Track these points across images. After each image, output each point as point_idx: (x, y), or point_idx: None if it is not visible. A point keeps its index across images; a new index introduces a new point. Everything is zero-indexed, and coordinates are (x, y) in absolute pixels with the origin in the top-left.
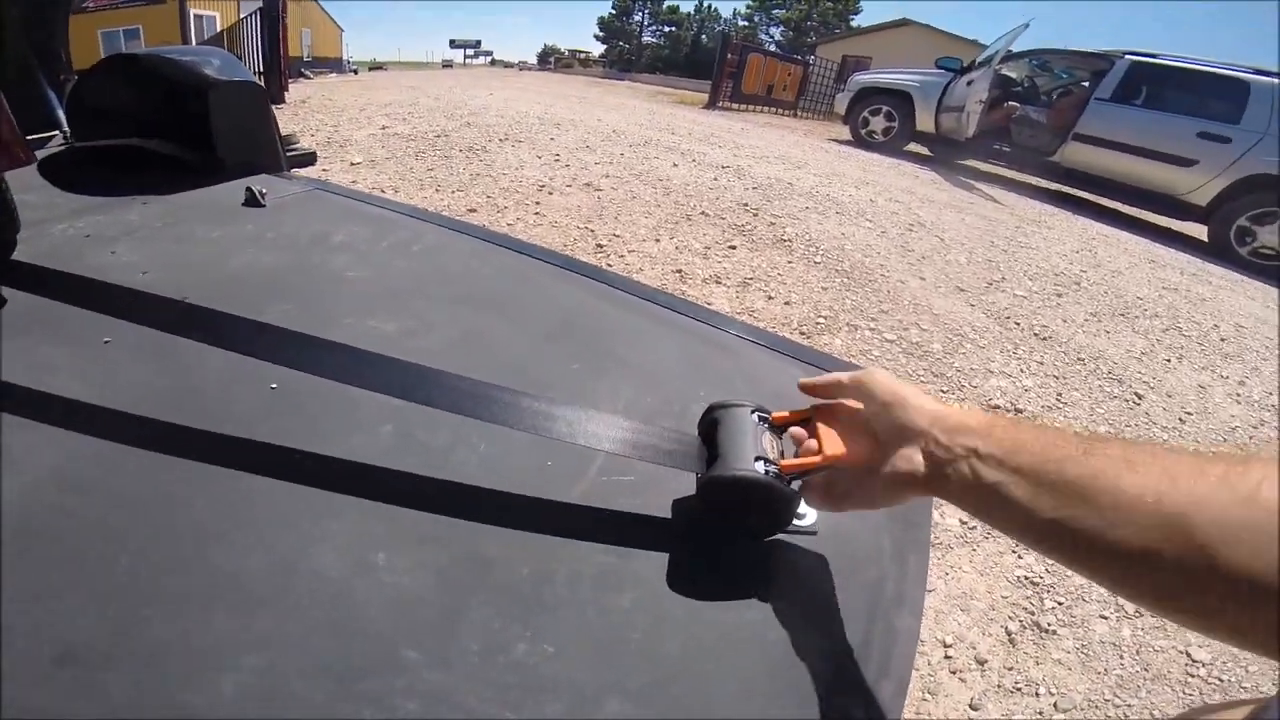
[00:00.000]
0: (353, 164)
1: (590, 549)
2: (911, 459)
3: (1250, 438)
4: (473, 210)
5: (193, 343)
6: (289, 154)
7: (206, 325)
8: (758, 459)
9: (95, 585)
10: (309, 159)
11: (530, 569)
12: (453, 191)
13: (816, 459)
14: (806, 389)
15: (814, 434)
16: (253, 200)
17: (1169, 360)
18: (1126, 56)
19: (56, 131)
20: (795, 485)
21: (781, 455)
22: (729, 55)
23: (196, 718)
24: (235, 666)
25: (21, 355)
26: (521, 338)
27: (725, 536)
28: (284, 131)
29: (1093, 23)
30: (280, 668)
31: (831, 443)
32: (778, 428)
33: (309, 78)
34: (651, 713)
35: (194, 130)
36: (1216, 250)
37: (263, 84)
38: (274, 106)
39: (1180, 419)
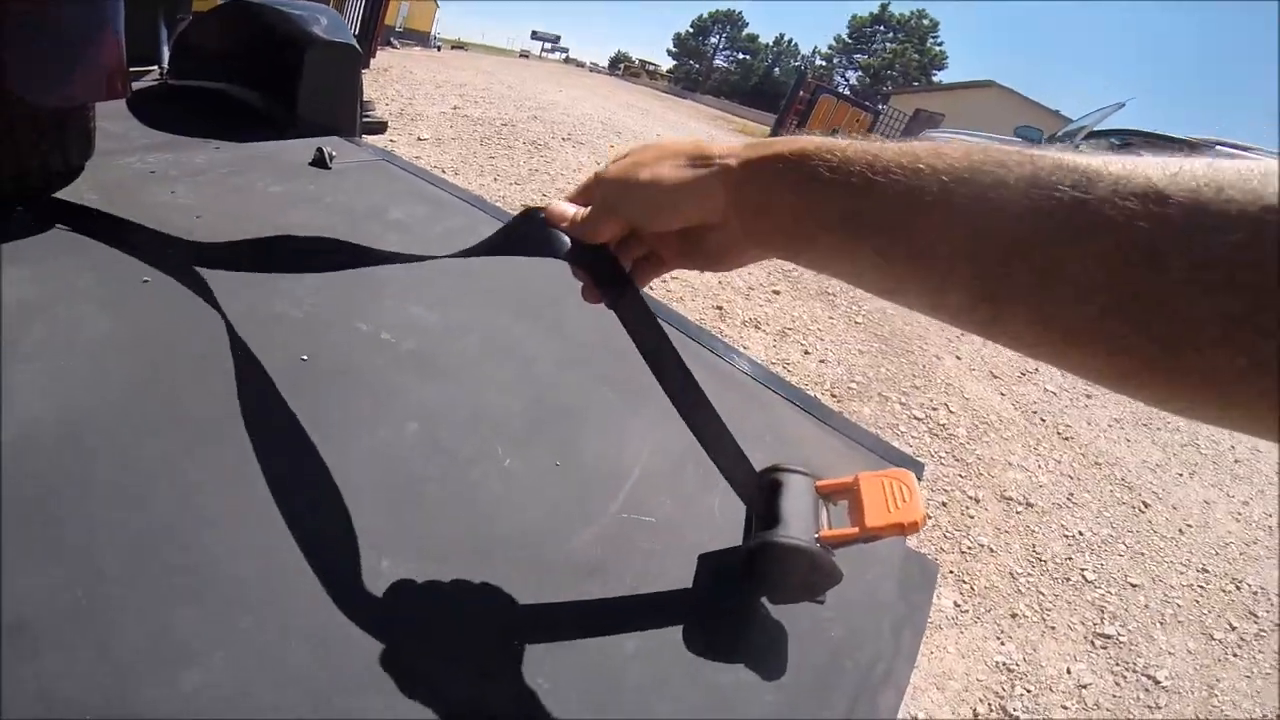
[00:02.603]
0: (420, 139)
1: (600, 588)
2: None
3: (1241, 554)
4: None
5: (233, 297)
6: (364, 119)
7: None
8: (816, 533)
9: (64, 546)
10: (380, 127)
11: (535, 599)
12: (510, 183)
13: (854, 531)
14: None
15: (857, 502)
16: (320, 161)
17: (1181, 474)
18: (1217, 146)
19: (154, 67)
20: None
21: (830, 526)
22: (800, 93)
23: (140, 715)
24: (201, 662)
25: (54, 279)
26: (559, 354)
27: (738, 595)
28: (364, 98)
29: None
30: (250, 669)
31: (874, 513)
32: (825, 496)
33: (396, 47)
34: None
35: (283, 84)
36: None
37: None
38: None
39: (1180, 529)
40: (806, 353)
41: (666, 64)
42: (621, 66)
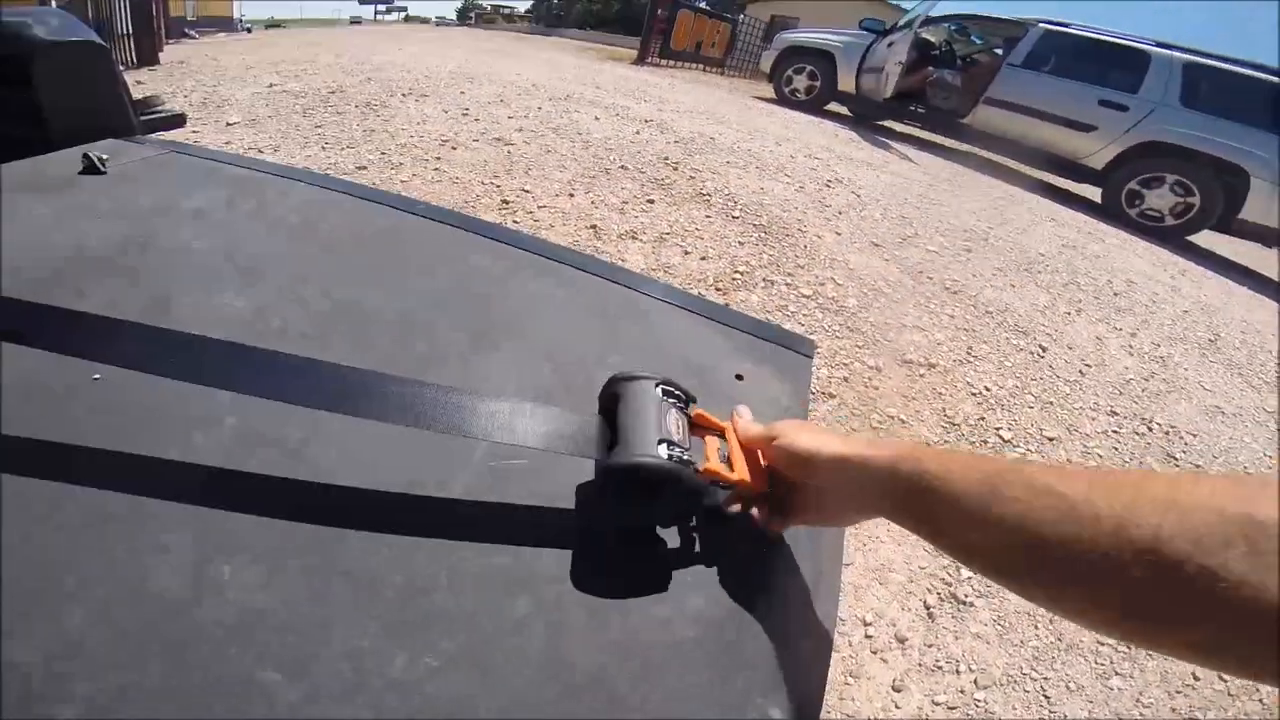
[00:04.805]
0: (229, 124)
1: (477, 548)
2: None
3: (1142, 390)
4: (362, 168)
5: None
6: (151, 117)
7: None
8: (661, 441)
9: None
10: (176, 121)
11: (404, 576)
12: (342, 149)
13: (733, 477)
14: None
15: (725, 448)
16: (91, 168)
17: (1069, 313)
18: (1040, 25)
19: None
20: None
21: (689, 440)
22: (659, 11)
23: None
24: (67, 698)
25: None
26: (402, 308)
27: (629, 525)
28: (151, 93)
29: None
30: (111, 702)
31: (747, 468)
32: (681, 398)
33: (194, 38)
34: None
35: (20, 98)
36: (1109, 211)
37: (129, 45)
38: (146, 69)
39: (1080, 371)
40: (686, 253)
41: (524, 5)
42: (473, 15)
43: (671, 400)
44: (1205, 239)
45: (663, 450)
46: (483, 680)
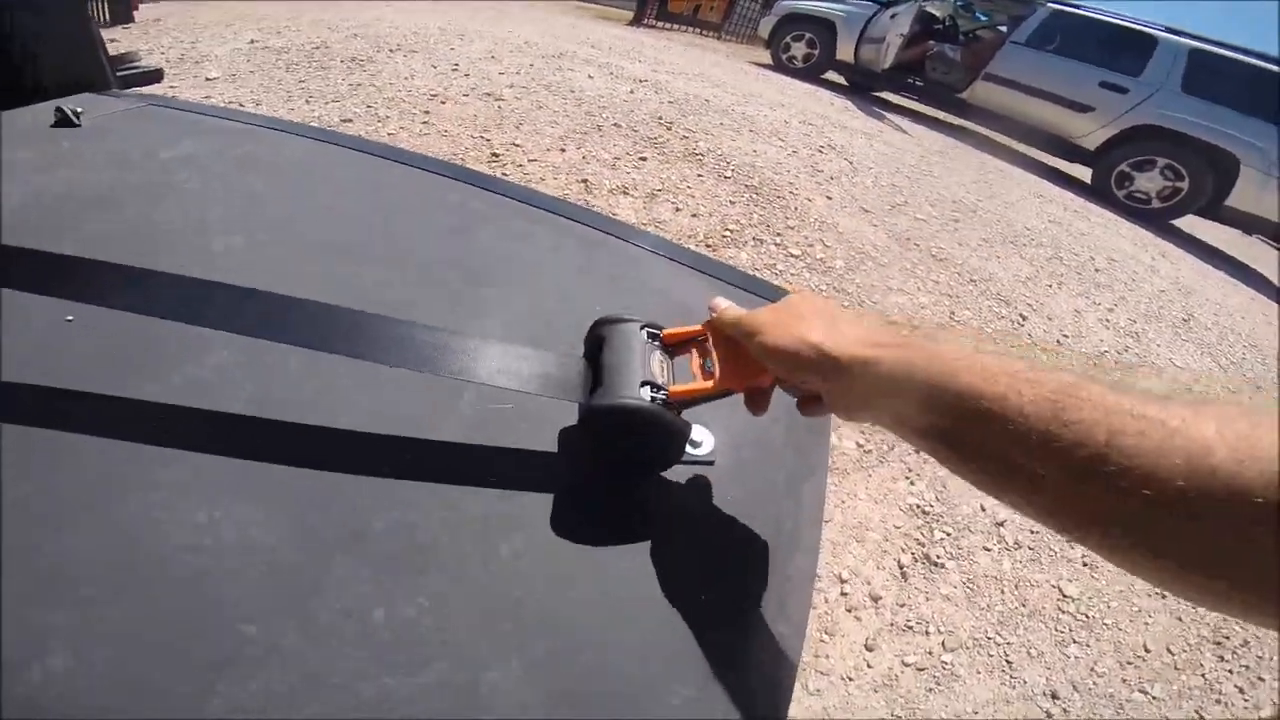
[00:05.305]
0: (208, 79)
1: (465, 493)
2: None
3: (1115, 362)
4: (348, 120)
5: None
6: (127, 72)
7: None
8: (644, 384)
9: None
10: (153, 76)
11: (397, 518)
12: (327, 102)
13: (708, 386)
14: (715, 311)
15: (706, 355)
16: (64, 121)
17: (1050, 286)
18: (1049, 4)
19: None
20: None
21: (672, 378)
22: None
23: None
24: (87, 660)
25: None
26: (388, 255)
27: (616, 471)
28: (126, 49)
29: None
30: (130, 663)
31: (728, 369)
32: (669, 347)
33: None
34: (539, 666)
35: None
36: (1097, 191)
37: (102, 3)
38: (121, 26)
39: (1058, 340)
40: (677, 210)
41: None
42: None
43: (656, 343)
44: (1188, 224)
45: (645, 392)
46: (471, 620)
